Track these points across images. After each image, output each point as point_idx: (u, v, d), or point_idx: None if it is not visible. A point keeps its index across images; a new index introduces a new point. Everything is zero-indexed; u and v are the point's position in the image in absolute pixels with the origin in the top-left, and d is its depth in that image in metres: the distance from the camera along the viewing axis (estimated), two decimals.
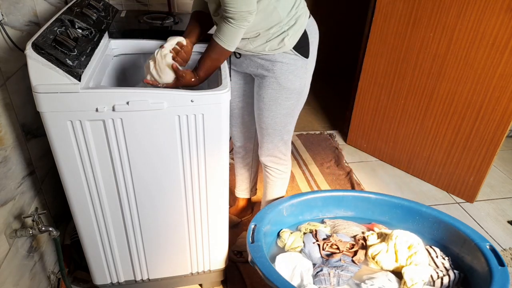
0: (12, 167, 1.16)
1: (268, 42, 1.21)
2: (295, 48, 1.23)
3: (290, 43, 1.22)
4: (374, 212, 1.63)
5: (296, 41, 1.22)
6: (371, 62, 2.23)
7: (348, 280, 1.33)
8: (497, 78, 1.78)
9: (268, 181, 1.57)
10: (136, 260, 1.34)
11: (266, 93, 1.32)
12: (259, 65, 1.29)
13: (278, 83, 1.28)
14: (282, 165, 1.51)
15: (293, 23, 1.20)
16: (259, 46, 1.22)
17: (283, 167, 1.52)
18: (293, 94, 1.31)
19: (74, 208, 1.17)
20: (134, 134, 1.07)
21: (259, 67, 1.29)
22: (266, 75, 1.29)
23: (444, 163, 2.12)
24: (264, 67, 1.28)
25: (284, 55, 1.23)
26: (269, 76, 1.28)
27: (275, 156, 1.47)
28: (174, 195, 1.21)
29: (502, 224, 1.97)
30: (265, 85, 1.31)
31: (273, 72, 1.26)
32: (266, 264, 1.23)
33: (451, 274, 1.34)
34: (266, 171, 1.54)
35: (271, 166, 1.51)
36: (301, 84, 1.31)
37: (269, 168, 1.52)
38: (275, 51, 1.22)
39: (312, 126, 2.84)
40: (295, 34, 1.21)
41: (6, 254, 1.11)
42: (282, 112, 1.35)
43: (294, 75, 1.27)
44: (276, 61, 1.24)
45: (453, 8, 1.80)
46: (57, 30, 1.06)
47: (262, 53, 1.24)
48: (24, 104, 1.23)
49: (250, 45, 1.23)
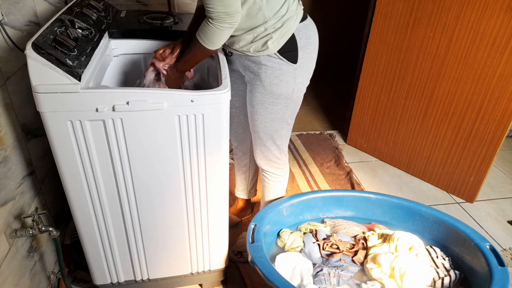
0: (12, 167, 1.16)
1: (252, 43, 1.19)
2: (280, 52, 1.20)
3: (274, 46, 1.18)
4: (374, 212, 1.63)
5: (280, 45, 1.19)
6: (371, 62, 2.23)
7: (348, 280, 1.33)
8: (497, 78, 1.78)
9: (265, 184, 1.57)
10: (136, 260, 1.34)
11: (254, 96, 1.30)
12: (246, 67, 1.27)
13: (264, 87, 1.26)
14: (277, 169, 1.49)
15: (279, 26, 1.16)
16: (244, 46, 1.21)
17: (279, 171, 1.50)
18: (281, 99, 1.29)
19: (74, 208, 1.17)
20: (134, 134, 1.07)
21: (246, 68, 1.28)
22: (253, 78, 1.27)
23: (444, 163, 2.12)
24: (250, 69, 1.26)
25: (269, 58, 1.21)
26: (256, 79, 1.27)
27: (269, 160, 1.46)
28: (174, 195, 1.21)
29: (502, 224, 1.97)
30: (252, 88, 1.30)
31: (259, 75, 1.25)
32: (266, 264, 1.23)
33: (451, 274, 1.34)
34: (263, 174, 1.54)
35: (267, 170, 1.50)
36: (289, 90, 1.27)
37: (265, 171, 1.51)
38: (259, 53, 1.20)
39: (312, 126, 2.84)
40: (281, 37, 1.18)
41: (6, 254, 1.11)
42: (271, 117, 1.33)
43: (279, 79, 1.24)
44: (261, 64, 1.22)
45: (453, 8, 1.80)
46: (57, 30, 1.06)
47: (247, 54, 1.22)
48: (24, 104, 1.23)
49: (237, 44, 1.22)
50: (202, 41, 1.11)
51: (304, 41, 1.23)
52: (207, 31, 1.09)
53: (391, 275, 1.30)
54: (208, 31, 1.08)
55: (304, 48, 1.23)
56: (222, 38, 1.11)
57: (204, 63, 1.48)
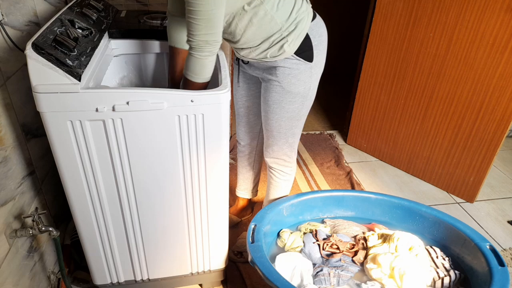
0: (12, 167, 1.16)
1: (269, 49, 1.20)
2: (296, 53, 1.21)
3: (290, 49, 1.20)
4: (374, 212, 1.63)
5: (296, 47, 1.20)
6: (371, 62, 2.23)
7: (348, 280, 1.33)
8: (497, 78, 1.78)
9: (272, 182, 1.57)
10: (136, 260, 1.34)
11: (270, 96, 1.31)
12: (264, 69, 1.29)
13: (282, 87, 1.27)
14: (287, 167, 1.51)
15: (292, 28, 1.17)
16: (261, 54, 1.22)
17: (287, 169, 1.52)
18: (297, 98, 1.30)
19: (74, 208, 1.17)
20: (134, 134, 1.07)
21: (264, 71, 1.29)
22: (270, 79, 1.28)
23: (444, 163, 2.12)
24: (268, 71, 1.28)
25: (286, 60, 1.22)
26: (273, 80, 1.28)
27: (280, 158, 1.47)
28: (174, 195, 1.21)
29: (502, 224, 1.97)
30: (269, 88, 1.31)
31: (276, 76, 1.26)
32: (266, 264, 1.23)
33: (451, 274, 1.34)
34: (271, 171, 1.54)
35: (276, 168, 1.51)
36: (306, 88, 1.29)
37: (273, 169, 1.52)
38: (276, 57, 1.21)
39: (312, 126, 2.84)
40: (296, 40, 1.19)
41: (6, 254, 1.11)
42: (287, 116, 1.34)
43: (297, 79, 1.26)
44: (278, 66, 1.24)
45: (453, 8, 1.80)
46: (57, 30, 1.06)
47: (264, 60, 1.24)
48: (24, 104, 1.23)
49: (253, 53, 1.23)
50: (191, 77, 1.11)
51: (317, 39, 1.24)
52: (192, 64, 1.09)
53: (391, 275, 1.30)
54: (192, 64, 1.08)
55: (318, 46, 1.25)
56: (204, 68, 1.10)
57: None
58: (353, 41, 3.23)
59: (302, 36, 1.20)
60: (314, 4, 1.30)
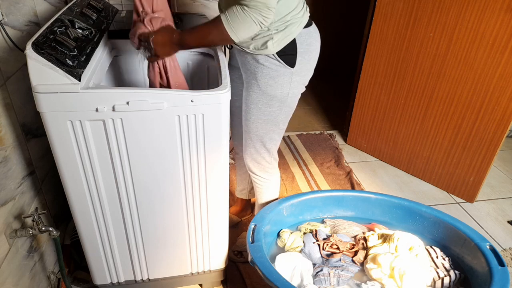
0: (12, 167, 1.16)
1: (253, 40, 1.18)
2: (278, 54, 1.19)
3: (273, 47, 1.18)
4: (374, 212, 1.63)
5: (280, 48, 1.18)
6: (371, 62, 2.23)
7: (348, 280, 1.33)
8: (497, 78, 1.78)
9: (256, 187, 1.56)
10: (136, 260, 1.34)
11: (249, 95, 1.30)
12: (244, 63, 1.27)
13: (259, 87, 1.26)
14: (266, 172, 1.49)
15: (282, 28, 1.16)
16: (245, 42, 1.19)
17: (267, 174, 1.49)
18: (275, 101, 1.28)
19: (74, 208, 1.17)
20: (134, 134, 1.07)
21: (244, 65, 1.27)
22: (249, 76, 1.27)
23: (444, 163, 2.12)
24: (248, 65, 1.25)
25: (267, 58, 1.20)
26: (252, 78, 1.26)
27: (258, 163, 1.45)
28: (174, 195, 1.21)
29: (502, 224, 1.97)
30: (248, 87, 1.30)
31: (255, 74, 1.24)
32: (266, 264, 1.23)
33: (451, 274, 1.34)
34: (252, 177, 1.53)
35: (255, 173, 1.49)
36: (283, 93, 1.27)
37: (254, 174, 1.50)
38: (258, 51, 1.19)
39: (312, 126, 2.84)
40: (281, 40, 1.17)
41: (6, 254, 1.11)
42: (264, 118, 1.32)
43: (275, 81, 1.24)
44: (259, 63, 1.22)
45: (453, 8, 1.80)
46: (57, 30, 1.06)
47: (246, 50, 1.22)
48: (24, 104, 1.23)
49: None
50: (226, 23, 1.03)
51: (304, 47, 1.22)
52: (238, 16, 1.01)
53: (391, 275, 1.30)
54: (238, 17, 1.01)
55: (303, 54, 1.23)
56: (248, 31, 1.04)
57: (204, 63, 1.48)
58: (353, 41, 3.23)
59: (288, 39, 1.18)
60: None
